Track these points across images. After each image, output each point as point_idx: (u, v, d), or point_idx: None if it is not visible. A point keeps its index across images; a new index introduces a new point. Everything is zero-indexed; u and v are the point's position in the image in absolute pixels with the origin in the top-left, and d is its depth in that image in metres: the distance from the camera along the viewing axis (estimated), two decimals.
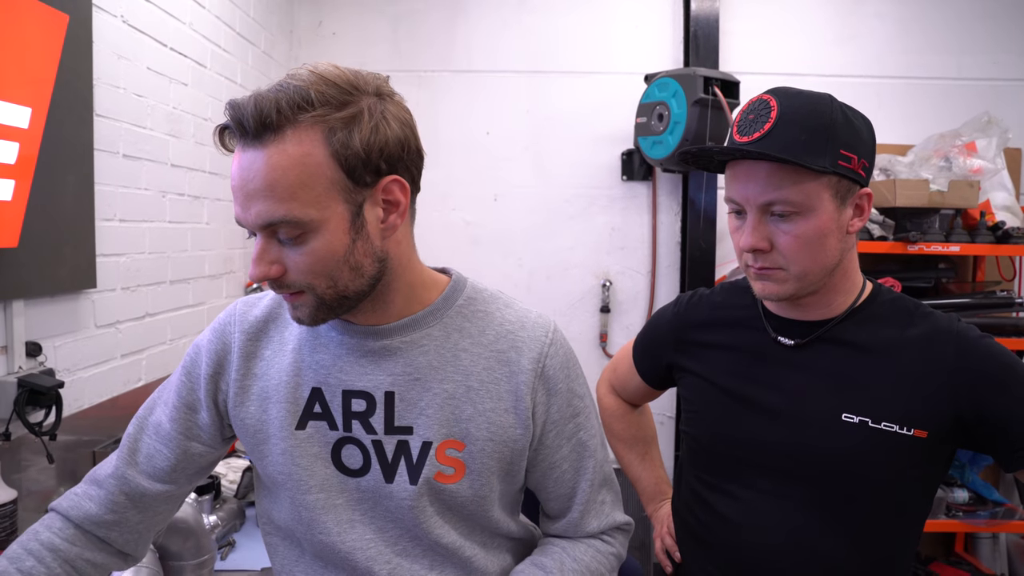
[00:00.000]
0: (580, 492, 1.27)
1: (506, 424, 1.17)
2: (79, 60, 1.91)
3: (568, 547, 1.28)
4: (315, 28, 3.69)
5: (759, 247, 1.26)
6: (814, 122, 1.22)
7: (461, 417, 1.16)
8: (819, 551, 1.30)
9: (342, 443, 1.16)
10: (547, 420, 1.21)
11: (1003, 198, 3.25)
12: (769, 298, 1.33)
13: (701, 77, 3.14)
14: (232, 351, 1.22)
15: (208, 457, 1.26)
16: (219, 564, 1.89)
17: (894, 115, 3.60)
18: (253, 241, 1.05)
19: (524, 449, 1.20)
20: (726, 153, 1.28)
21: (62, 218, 1.88)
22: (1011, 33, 3.62)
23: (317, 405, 1.17)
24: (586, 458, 1.27)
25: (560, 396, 1.22)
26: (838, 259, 1.28)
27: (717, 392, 1.43)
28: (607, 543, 1.32)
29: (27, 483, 1.80)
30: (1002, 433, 1.23)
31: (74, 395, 1.95)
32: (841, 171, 1.22)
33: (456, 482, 1.16)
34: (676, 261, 3.73)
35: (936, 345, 1.27)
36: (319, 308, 1.07)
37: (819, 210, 1.23)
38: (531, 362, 1.19)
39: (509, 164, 3.68)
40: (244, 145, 1.00)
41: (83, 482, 1.25)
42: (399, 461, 1.15)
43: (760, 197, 1.24)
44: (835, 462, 1.29)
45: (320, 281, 1.04)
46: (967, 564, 3.39)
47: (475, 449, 1.16)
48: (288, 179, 0.99)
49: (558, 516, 1.30)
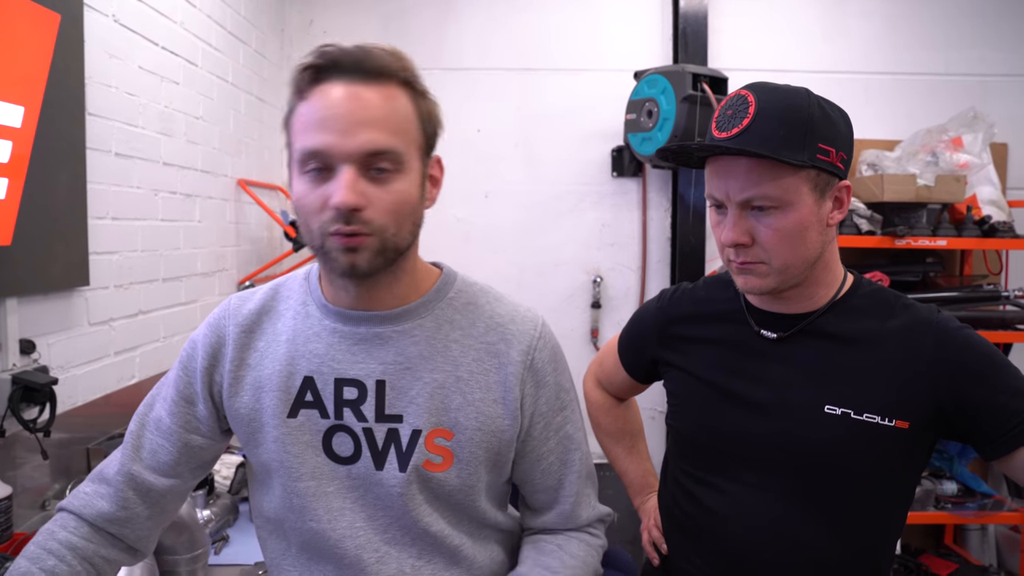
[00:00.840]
0: (569, 484, 1.29)
1: (494, 414, 1.20)
2: (71, 59, 1.92)
3: (564, 544, 1.30)
4: (306, 26, 3.70)
5: (740, 242, 1.27)
6: (792, 117, 1.23)
7: (450, 406, 1.18)
8: (802, 541, 1.32)
9: (333, 431, 1.18)
10: (535, 412, 1.24)
11: (989, 192, 3.28)
12: (751, 292, 1.34)
13: (690, 74, 3.16)
14: (227, 343, 1.25)
15: (209, 450, 1.28)
16: (213, 558, 1.90)
17: (881, 111, 3.63)
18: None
19: (512, 440, 1.22)
20: (705, 150, 1.29)
21: (55, 216, 1.89)
22: (997, 29, 3.65)
23: (309, 394, 1.19)
24: (572, 451, 1.30)
25: (548, 389, 1.25)
26: (819, 252, 1.30)
27: (701, 385, 1.44)
28: (595, 536, 1.34)
29: (22, 480, 1.81)
30: (981, 422, 1.25)
31: (68, 392, 1.96)
32: (820, 164, 1.23)
33: (444, 471, 1.18)
34: (666, 257, 3.75)
35: (916, 336, 1.29)
36: (378, 253, 1.08)
37: (799, 204, 1.24)
38: (520, 354, 1.22)
39: (500, 161, 3.70)
40: (351, 81, 1.06)
41: (89, 481, 1.26)
42: (389, 449, 1.17)
43: (740, 193, 1.25)
44: (818, 454, 1.30)
45: (391, 224, 1.08)
46: (956, 556, 3.43)
47: (463, 438, 1.18)
48: (398, 117, 1.08)
49: (544, 509, 1.32)
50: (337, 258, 1.08)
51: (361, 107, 1.05)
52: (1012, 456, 1.24)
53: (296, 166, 1.09)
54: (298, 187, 1.09)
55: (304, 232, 1.12)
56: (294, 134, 1.09)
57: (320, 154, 1.05)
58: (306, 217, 1.09)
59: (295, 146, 1.09)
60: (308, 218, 1.08)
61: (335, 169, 1.05)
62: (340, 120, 1.04)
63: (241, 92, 3.15)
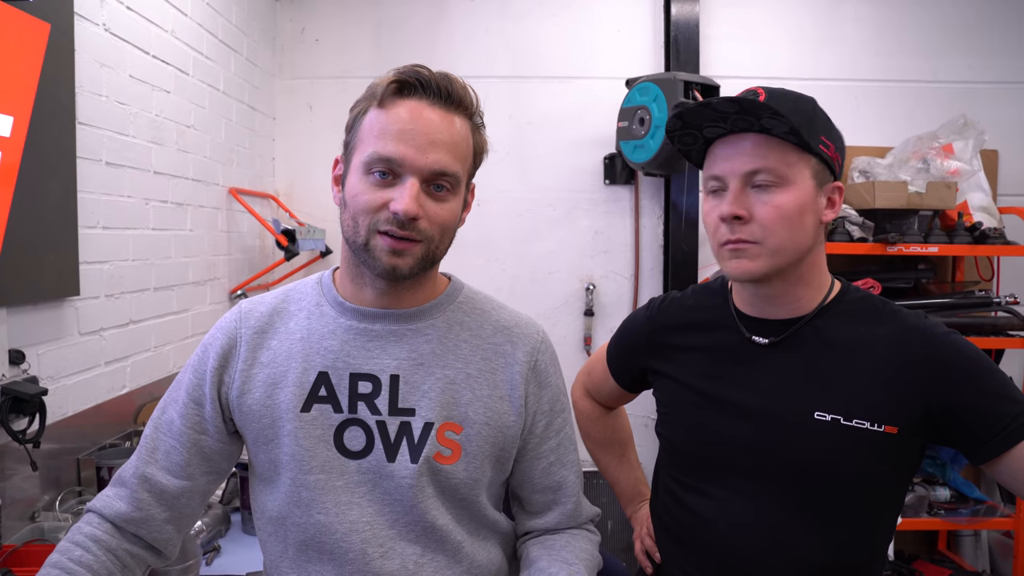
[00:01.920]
0: (570, 484, 1.38)
1: (501, 411, 1.28)
2: (61, 68, 1.91)
3: (572, 540, 1.36)
4: (298, 34, 3.70)
5: (738, 214, 1.28)
6: (800, 107, 1.29)
7: (460, 401, 1.26)
8: (793, 547, 1.32)
9: (345, 425, 1.24)
10: (538, 411, 1.33)
11: (980, 199, 3.29)
12: (741, 277, 1.34)
13: (681, 81, 3.17)
14: (239, 345, 1.30)
15: (220, 452, 1.32)
16: (204, 569, 1.90)
17: (872, 118, 3.64)
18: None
19: (516, 436, 1.31)
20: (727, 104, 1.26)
21: (45, 226, 1.88)
22: (986, 37, 3.67)
23: (323, 388, 1.25)
24: (571, 452, 1.39)
25: (550, 390, 1.35)
26: (810, 243, 1.31)
27: (690, 394, 1.45)
28: (593, 532, 1.43)
29: (11, 491, 1.80)
30: (968, 426, 1.25)
31: (58, 403, 1.95)
32: (821, 155, 1.29)
33: (453, 463, 1.24)
34: (659, 264, 3.75)
35: (904, 342, 1.30)
36: (421, 260, 1.20)
37: (800, 184, 1.28)
38: (525, 355, 1.32)
39: (492, 169, 3.65)
40: (433, 104, 1.18)
41: (110, 484, 1.31)
42: (401, 441, 1.23)
43: (745, 166, 1.28)
44: (808, 460, 1.31)
45: (437, 237, 1.20)
46: (950, 562, 3.43)
47: (472, 432, 1.26)
48: (464, 146, 1.22)
49: (545, 510, 1.38)
50: (380, 257, 1.18)
51: (437, 129, 1.17)
52: (999, 460, 1.24)
53: (360, 165, 1.18)
54: (357, 184, 1.18)
55: (348, 225, 1.20)
56: (364, 136, 1.19)
57: (392, 162, 1.15)
58: (356, 213, 1.18)
59: (363, 147, 1.18)
60: (358, 214, 1.17)
61: (401, 178, 1.16)
62: (418, 136, 1.16)
63: (232, 101, 3.14)
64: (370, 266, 1.20)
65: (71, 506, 1.98)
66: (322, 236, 3.27)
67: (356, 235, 1.19)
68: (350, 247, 1.23)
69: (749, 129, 1.28)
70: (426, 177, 1.17)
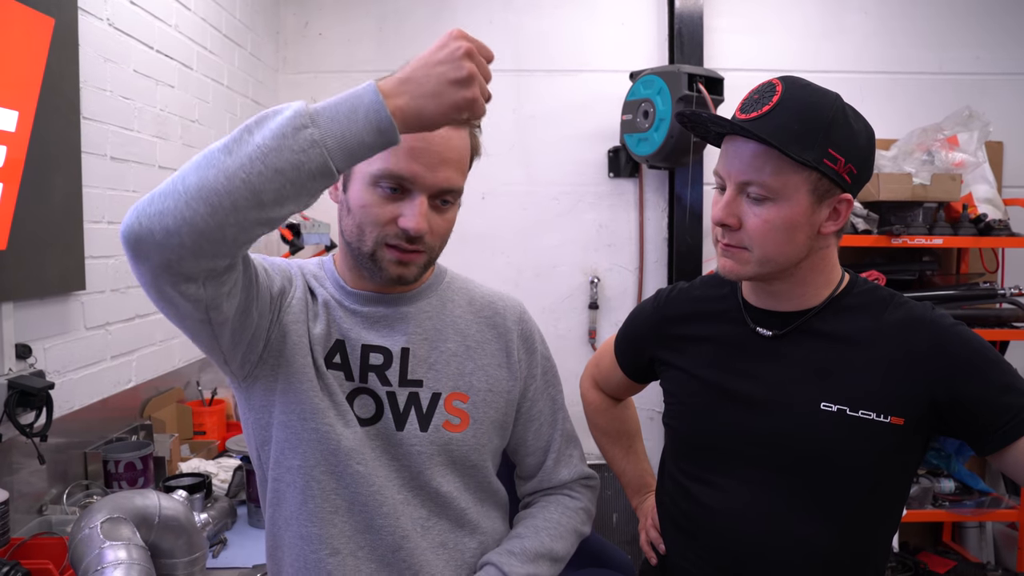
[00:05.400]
0: (554, 443, 1.46)
1: (501, 377, 1.37)
2: (65, 63, 1.91)
3: (536, 512, 1.43)
4: (302, 29, 3.70)
5: (727, 222, 1.29)
6: (811, 115, 1.24)
7: (464, 371, 1.34)
8: (799, 538, 1.32)
9: (356, 393, 1.27)
10: (528, 375, 1.42)
11: (985, 191, 3.28)
12: (728, 276, 1.35)
13: (686, 74, 3.17)
14: (295, 281, 1.31)
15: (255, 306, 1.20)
16: (211, 562, 1.90)
17: (877, 110, 3.58)
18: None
19: (514, 401, 1.40)
20: (717, 124, 1.31)
21: (50, 220, 1.89)
22: (990, 29, 3.66)
23: (337, 356, 1.28)
24: (557, 411, 1.48)
25: (538, 355, 1.45)
26: (803, 255, 1.30)
27: (698, 384, 1.45)
28: (574, 498, 1.47)
29: (18, 484, 1.81)
30: (974, 417, 1.26)
31: (64, 396, 1.96)
32: (824, 169, 1.24)
33: (462, 431, 1.30)
34: (663, 257, 3.75)
35: (911, 333, 1.30)
36: (424, 266, 1.26)
37: (792, 201, 1.25)
38: (514, 323, 1.42)
39: (496, 162, 3.69)
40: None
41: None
42: (409, 411, 1.28)
43: (740, 175, 1.27)
44: (814, 451, 1.31)
45: (439, 245, 1.27)
46: (954, 553, 3.43)
47: (478, 400, 1.33)
48: (466, 157, 1.26)
49: (533, 473, 1.47)
50: (387, 267, 1.22)
51: (447, 147, 1.20)
52: (1005, 451, 1.24)
53: (367, 176, 1.19)
54: (363, 195, 1.20)
55: (353, 234, 1.23)
56: None
57: (402, 179, 1.18)
58: (362, 223, 1.20)
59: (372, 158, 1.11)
60: (365, 225, 1.20)
61: (411, 194, 1.19)
62: (430, 155, 1.18)
63: (236, 95, 3.14)
64: (374, 273, 1.24)
65: (78, 499, 1.99)
66: (327, 231, 3.28)
67: (361, 243, 1.22)
68: (351, 251, 1.26)
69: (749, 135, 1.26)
70: (433, 194, 1.20)
